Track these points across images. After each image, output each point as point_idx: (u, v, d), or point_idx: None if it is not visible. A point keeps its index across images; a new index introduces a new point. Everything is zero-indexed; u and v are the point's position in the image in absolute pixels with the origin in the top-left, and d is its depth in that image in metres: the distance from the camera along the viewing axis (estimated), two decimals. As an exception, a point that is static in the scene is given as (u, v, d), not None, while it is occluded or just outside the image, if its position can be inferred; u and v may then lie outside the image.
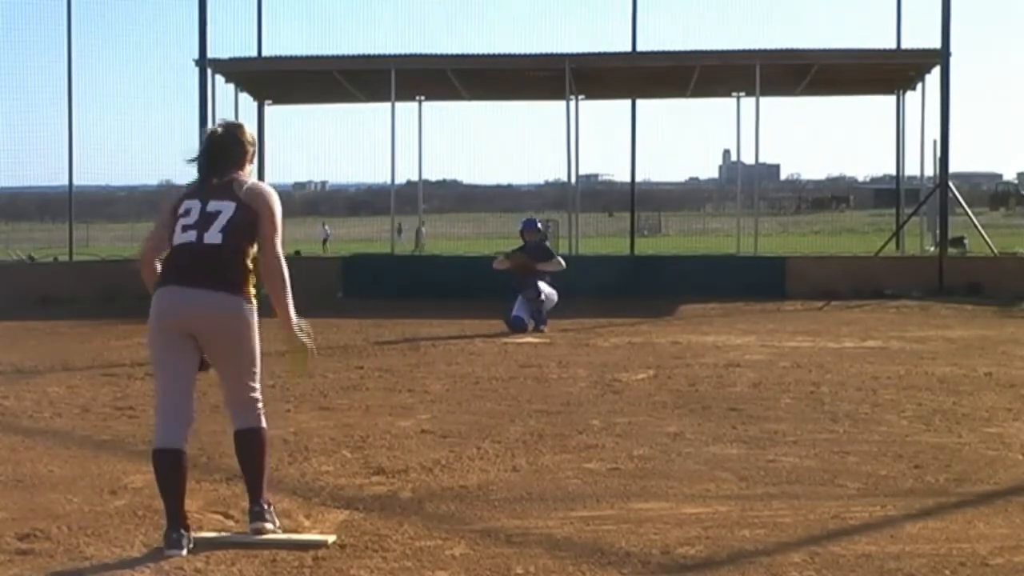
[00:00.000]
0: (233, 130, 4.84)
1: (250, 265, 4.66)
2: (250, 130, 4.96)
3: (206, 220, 4.58)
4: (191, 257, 4.58)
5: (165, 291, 4.61)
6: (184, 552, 4.42)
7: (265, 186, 4.79)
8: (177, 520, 4.48)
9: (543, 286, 12.92)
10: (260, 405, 4.86)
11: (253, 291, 4.71)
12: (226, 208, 4.60)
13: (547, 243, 14.07)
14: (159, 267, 4.72)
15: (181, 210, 4.65)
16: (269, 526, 4.64)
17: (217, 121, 5.13)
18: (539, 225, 13.79)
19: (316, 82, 20.79)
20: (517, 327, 12.60)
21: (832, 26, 38.03)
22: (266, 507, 4.69)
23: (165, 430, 4.60)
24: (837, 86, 21.96)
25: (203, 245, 4.56)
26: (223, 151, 4.74)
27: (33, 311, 15.74)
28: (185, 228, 4.61)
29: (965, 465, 5.95)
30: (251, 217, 4.60)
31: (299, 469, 5.94)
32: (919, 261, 19.48)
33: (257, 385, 4.86)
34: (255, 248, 4.64)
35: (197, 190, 4.70)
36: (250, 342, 4.77)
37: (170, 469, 4.54)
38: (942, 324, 13.77)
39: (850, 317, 14.86)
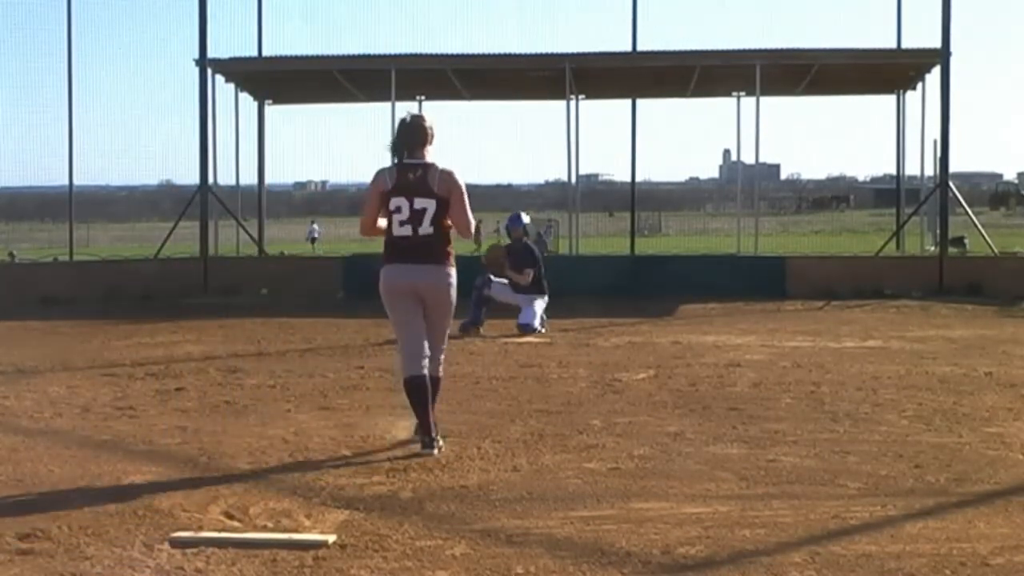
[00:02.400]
0: (418, 119, 6.33)
1: (451, 236, 6.27)
2: (430, 118, 6.39)
3: (416, 217, 6.13)
4: (412, 245, 6.15)
5: (396, 267, 6.21)
6: (435, 452, 6.08)
7: (451, 172, 6.20)
8: (428, 427, 6.15)
9: (537, 307, 12.81)
10: (443, 358, 6.46)
11: (452, 252, 6.28)
12: (429, 205, 6.12)
13: (530, 242, 13.89)
14: (385, 249, 6.27)
15: (392, 206, 6.15)
16: (435, 452, 6.12)
17: (404, 113, 6.48)
18: (524, 219, 13.62)
19: (316, 82, 20.79)
20: (526, 330, 12.55)
21: (832, 26, 38.05)
22: (436, 437, 6.20)
23: (411, 363, 6.20)
24: (837, 86, 21.96)
25: (419, 236, 6.15)
26: (412, 136, 6.20)
27: (33, 311, 15.73)
28: (402, 223, 6.15)
29: (966, 465, 5.95)
30: (446, 206, 6.16)
31: (299, 469, 5.93)
32: (919, 261, 19.47)
33: (446, 343, 6.49)
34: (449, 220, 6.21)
35: (401, 186, 6.12)
36: (452, 306, 6.39)
37: (419, 390, 6.16)
38: (942, 324, 13.77)
39: (850, 317, 14.86)
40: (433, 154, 6.26)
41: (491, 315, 12.79)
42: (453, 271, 6.28)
